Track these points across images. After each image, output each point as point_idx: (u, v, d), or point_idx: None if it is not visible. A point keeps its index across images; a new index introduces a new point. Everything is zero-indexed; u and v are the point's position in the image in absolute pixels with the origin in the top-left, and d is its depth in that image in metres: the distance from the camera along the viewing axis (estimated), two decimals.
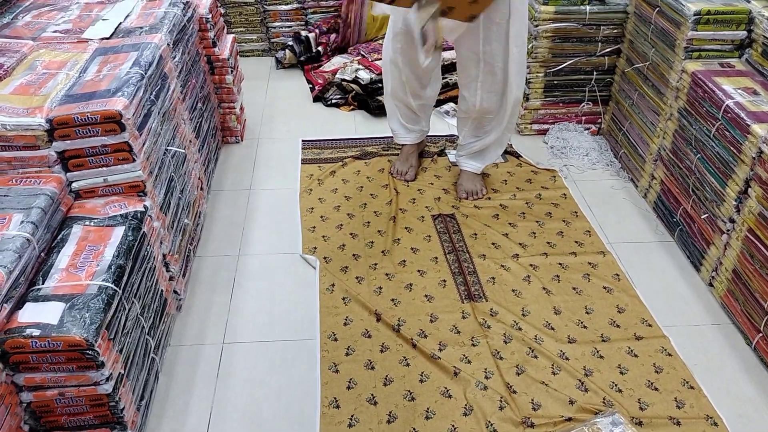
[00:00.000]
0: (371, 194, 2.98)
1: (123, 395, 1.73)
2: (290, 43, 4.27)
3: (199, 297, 2.42)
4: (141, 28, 2.43)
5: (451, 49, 3.62)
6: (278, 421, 1.98)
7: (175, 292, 2.28)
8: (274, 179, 3.12)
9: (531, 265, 2.55)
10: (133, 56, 2.17)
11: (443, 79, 3.36)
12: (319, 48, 4.17)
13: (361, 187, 3.04)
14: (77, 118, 1.83)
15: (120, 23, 2.48)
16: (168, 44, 2.38)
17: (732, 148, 2.28)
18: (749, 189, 2.20)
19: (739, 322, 2.27)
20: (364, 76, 3.75)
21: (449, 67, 3.70)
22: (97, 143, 1.88)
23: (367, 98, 3.69)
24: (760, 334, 2.16)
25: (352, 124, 3.61)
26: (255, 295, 2.44)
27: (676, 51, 2.66)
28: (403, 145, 3.13)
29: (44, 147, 1.86)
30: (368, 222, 2.80)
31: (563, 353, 2.18)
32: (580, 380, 2.08)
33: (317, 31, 4.29)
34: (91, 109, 1.85)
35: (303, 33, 4.27)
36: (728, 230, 2.32)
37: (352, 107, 3.75)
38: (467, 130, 2.96)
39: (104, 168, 1.93)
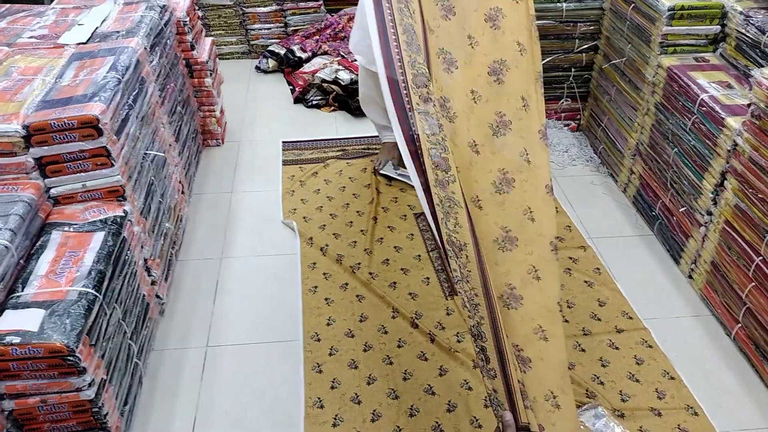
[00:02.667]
0: (354, 194, 2.99)
1: (106, 401, 1.72)
2: (272, 48, 4.27)
3: (182, 301, 2.42)
4: (117, 32, 2.42)
5: None
6: (263, 422, 1.98)
7: (157, 296, 2.27)
8: (255, 181, 3.11)
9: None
10: (110, 61, 2.16)
11: None
12: (302, 55, 4.15)
13: (344, 187, 3.04)
14: (54, 123, 1.82)
15: (96, 28, 2.47)
16: (145, 48, 2.37)
17: (708, 142, 2.31)
18: (725, 181, 2.23)
19: (719, 313, 2.30)
20: (345, 76, 3.75)
21: None
22: (74, 149, 1.87)
23: (347, 99, 3.69)
24: (739, 325, 2.18)
25: (333, 124, 3.62)
26: (238, 297, 2.44)
27: (651, 46, 2.69)
28: (385, 142, 3.15)
29: (21, 153, 1.85)
30: (351, 222, 2.80)
31: None
32: None
33: (302, 37, 4.30)
34: (68, 114, 1.84)
35: (275, 49, 4.26)
36: (706, 223, 2.35)
37: (333, 108, 3.75)
38: None
39: (82, 173, 1.93)
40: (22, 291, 1.66)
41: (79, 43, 2.34)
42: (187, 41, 3.02)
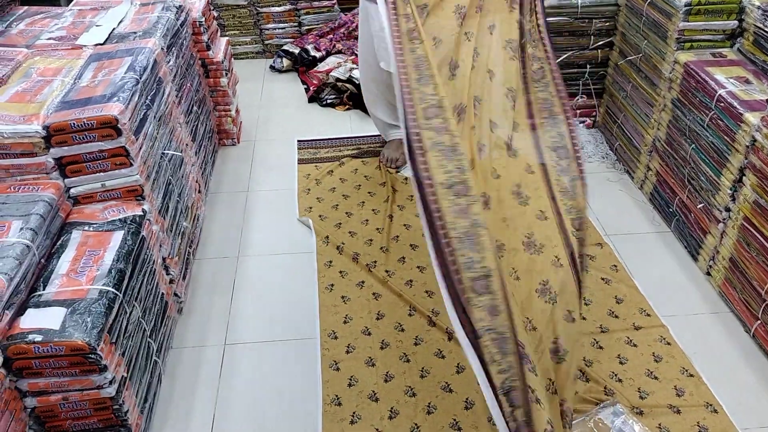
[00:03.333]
0: (369, 192, 2.99)
1: (126, 398, 1.74)
2: (286, 48, 4.29)
3: (200, 299, 2.44)
4: (135, 33, 2.44)
5: None
6: (281, 420, 1.99)
7: (175, 294, 2.29)
8: (271, 180, 3.13)
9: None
10: (128, 61, 2.18)
11: None
12: (316, 54, 4.16)
13: (359, 185, 3.05)
14: (74, 124, 1.84)
15: (114, 29, 2.49)
16: (162, 48, 2.39)
17: (726, 137, 2.29)
18: (744, 177, 2.21)
19: (738, 310, 2.29)
20: (359, 75, 3.75)
21: None
22: (94, 149, 1.89)
23: (362, 97, 3.69)
24: (759, 322, 2.17)
25: (348, 123, 3.62)
26: (255, 295, 2.45)
27: (668, 42, 2.67)
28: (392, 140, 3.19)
29: (41, 154, 1.87)
30: (367, 220, 2.81)
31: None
32: (580, 370, 2.09)
33: (316, 35, 4.31)
34: (87, 114, 1.86)
35: (290, 48, 4.27)
36: (724, 219, 2.33)
37: (347, 107, 3.76)
38: None
39: (102, 173, 1.95)
40: (44, 290, 1.68)
41: (97, 44, 2.36)
42: (203, 41, 3.04)
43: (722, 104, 2.30)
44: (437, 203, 1.52)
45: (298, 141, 3.42)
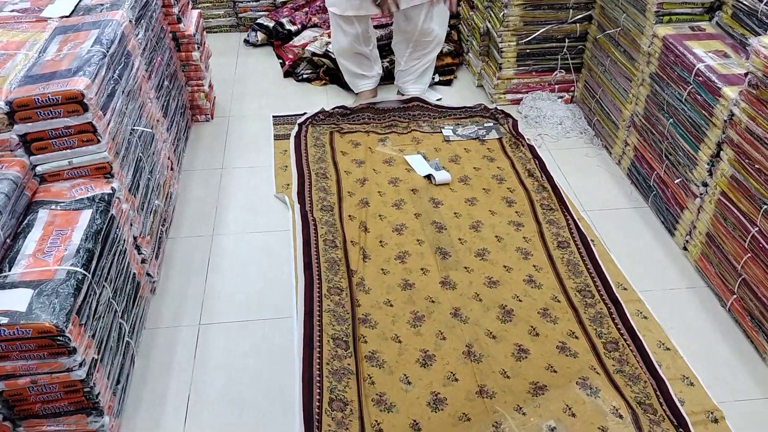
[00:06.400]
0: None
1: (98, 380, 1.70)
2: (260, 21, 4.20)
3: (174, 279, 2.39)
4: (102, 4, 2.36)
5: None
6: (258, 400, 1.97)
7: (148, 274, 2.24)
8: (246, 157, 3.07)
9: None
10: (94, 34, 2.10)
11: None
12: (291, 28, 4.09)
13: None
14: (38, 99, 1.78)
15: (80, 0, 2.40)
16: (130, 21, 2.31)
17: (704, 112, 2.28)
18: (721, 152, 2.21)
19: (714, 285, 2.30)
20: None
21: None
22: (59, 125, 1.83)
23: (338, 72, 3.63)
24: (734, 296, 2.18)
25: (324, 98, 3.57)
26: (231, 274, 2.41)
27: (646, 15, 2.64)
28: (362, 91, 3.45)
29: (5, 130, 1.81)
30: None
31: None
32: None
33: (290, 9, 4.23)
34: (52, 89, 1.79)
35: (264, 22, 4.18)
36: (701, 194, 2.33)
37: (323, 82, 3.70)
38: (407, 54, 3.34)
39: (68, 150, 1.89)
40: (9, 271, 1.63)
41: (63, 17, 2.28)
42: (174, 14, 2.95)
43: (700, 78, 2.29)
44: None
45: (274, 117, 3.36)
